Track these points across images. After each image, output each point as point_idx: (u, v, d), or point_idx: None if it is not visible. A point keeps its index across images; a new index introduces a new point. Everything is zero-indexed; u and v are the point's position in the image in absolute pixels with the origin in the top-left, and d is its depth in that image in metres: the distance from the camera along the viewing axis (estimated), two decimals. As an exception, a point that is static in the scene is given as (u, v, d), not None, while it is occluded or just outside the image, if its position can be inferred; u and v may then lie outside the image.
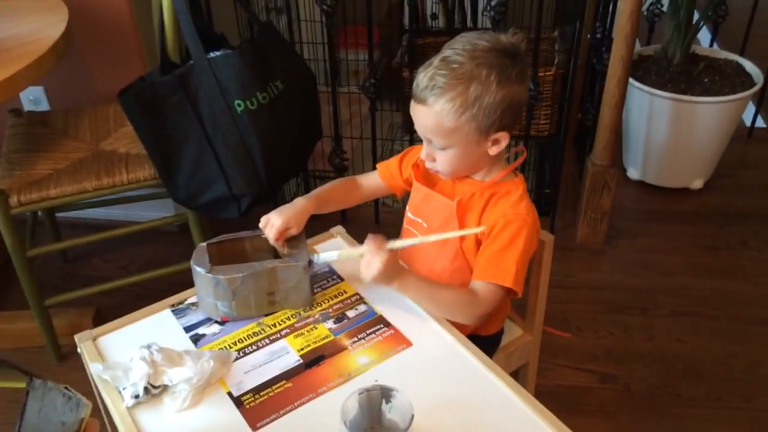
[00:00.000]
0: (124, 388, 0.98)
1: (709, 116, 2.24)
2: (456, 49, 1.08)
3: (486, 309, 1.14)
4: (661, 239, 2.23)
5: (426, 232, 1.22)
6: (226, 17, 2.09)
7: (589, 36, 2.23)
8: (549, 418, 0.92)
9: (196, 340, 1.08)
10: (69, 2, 1.64)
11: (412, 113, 1.13)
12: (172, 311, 1.13)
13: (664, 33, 2.39)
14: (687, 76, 2.30)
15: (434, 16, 3.30)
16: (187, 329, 1.10)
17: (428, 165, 1.18)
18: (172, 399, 0.98)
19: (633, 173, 2.48)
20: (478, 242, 1.17)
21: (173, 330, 1.10)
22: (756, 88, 2.27)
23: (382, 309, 1.13)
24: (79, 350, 1.08)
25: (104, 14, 1.87)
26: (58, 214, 2.08)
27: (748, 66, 2.38)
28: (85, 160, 1.68)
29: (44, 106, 2.08)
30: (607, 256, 2.17)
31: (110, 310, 1.91)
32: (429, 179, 1.24)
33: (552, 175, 2.20)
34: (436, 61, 1.08)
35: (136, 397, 0.97)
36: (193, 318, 1.12)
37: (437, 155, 1.14)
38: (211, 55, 1.48)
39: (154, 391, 0.98)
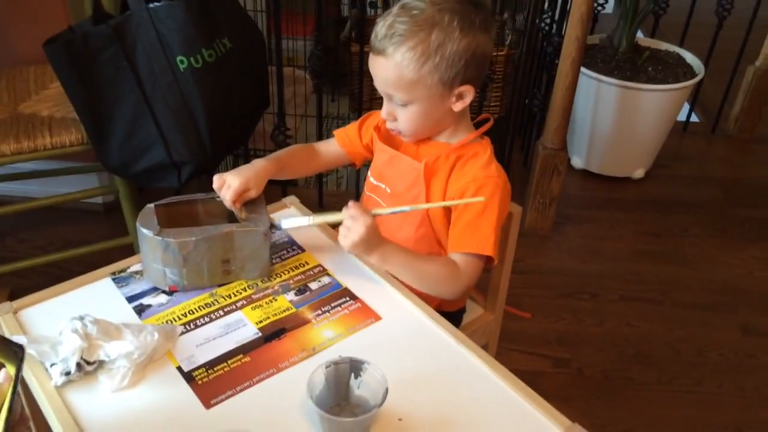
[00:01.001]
0: (52, 365, 0.85)
1: (654, 104, 2.26)
2: None
3: (470, 281, 1.06)
4: (607, 226, 2.23)
5: (389, 198, 1.14)
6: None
7: (537, 21, 2.21)
8: (524, 391, 0.87)
9: (140, 311, 0.95)
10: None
11: (371, 68, 1.05)
12: (113, 279, 1.00)
13: (609, 23, 2.40)
14: (632, 64, 2.31)
15: (373, 4, 3.24)
16: (130, 299, 0.97)
17: (389, 125, 1.10)
18: (109, 377, 0.86)
19: (577, 162, 2.47)
20: (446, 209, 1.09)
21: (113, 300, 0.97)
22: (698, 78, 2.31)
23: (347, 281, 1.04)
24: (-3, 325, 0.94)
25: (25, -36, 1.69)
26: (-33, 190, 1.87)
27: (689, 57, 2.42)
28: (1, 122, 1.50)
29: (-48, 66, 1.87)
30: (555, 241, 2.15)
31: (25, 292, 1.71)
32: (391, 143, 1.15)
33: (502, 157, 2.16)
34: (395, 8, 1.01)
35: (67, 374, 0.85)
36: (136, 287, 0.99)
37: (399, 113, 1.06)
38: (152, 5, 1.33)
39: (88, 367, 0.86)
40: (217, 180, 1.04)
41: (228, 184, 1.03)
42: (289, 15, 2.80)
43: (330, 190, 2.34)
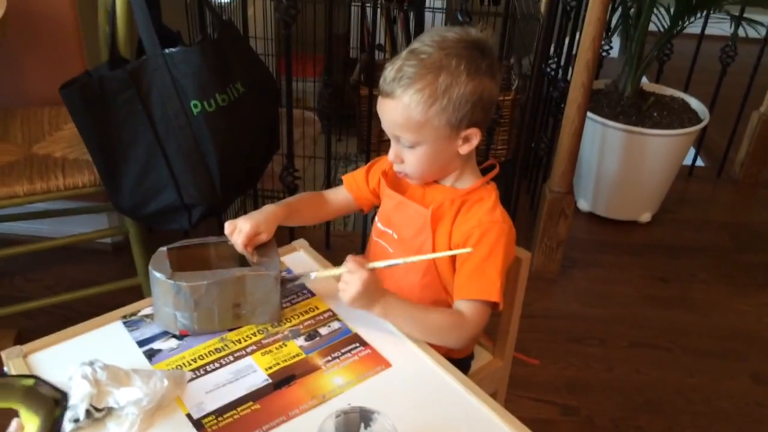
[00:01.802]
0: (62, 411, 0.84)
1: (660, 149, 2.28)
2: (424, 41, 1.03)
3: (476, 330, 1.06)
4: (614, 270, 2.23)
5: (396, 244, 1.14)
6: (175, 17, 1.97)
7: (543, 66, 2.24)
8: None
9: (150, 355, 0.95)
10: (6, -9, 1.49)
11: (379, 110, 1.06)
12: (124, 323, 1.00)
13: (614, 67, 2.43)
14: (637, 109, 2.34)
15: (380, 47, 3.30)
16: (141, 343, 0.97)
17: (396, 168, 1.11)
18: (117, 424, 0.85)
19: (583, 204, 2.48)
20: (449, 262, 1.09)
21: (124, 344, 0.97)
22: (703, 124, 2.33)
23: (357, 327, 1.03)
24: (6, 369, 0.93)
25: (44, 10, 1.72)
26: (-24, 228, 1.88)
27: (694, 103, 2.44)
28: (15, 163, 1.52)
29: (-32, 107, 1.90)
30: (562, 285, 2.14)
31: (33, 333, 1.70)
32: (398, 187, 1.16)
33: (509, 200, 2.17)
34: (403, 53, 1.03)
35: (76, 421, 0.83)
36: (147, 331, 0.99)
37: (406, 155, 1.07)
38: (168, 51, 1.36)
39: (96, 414, 0.84)
40: (228, 226, 1.05)
41: (239, 229, 1.03)
42: (298, 56, 2.85)
43: (337, 230, 2.34)
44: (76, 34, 1.76)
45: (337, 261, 1.22)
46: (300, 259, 1.19)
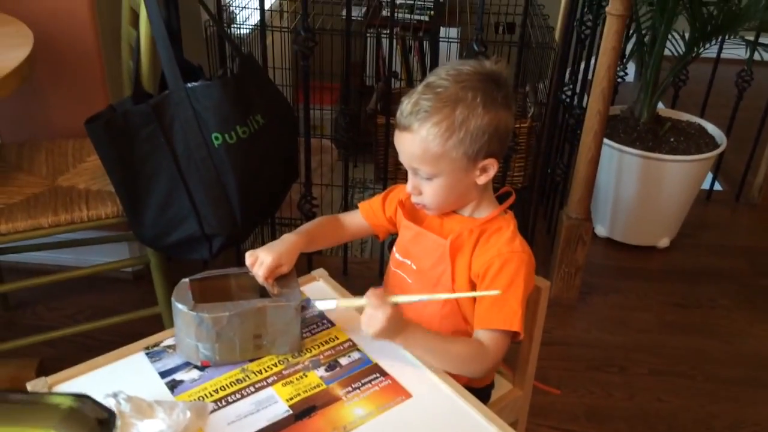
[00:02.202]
0: (87, 443, 0.85)
1: (677, 174, 2.27)
2: (439, 74, 1.04)
3: (496, 359, 1.06)
4: (633, 296, 2.21)
5: (415, 275, 1.15)
6: (196, 51, 2.02)
7: (559, 93, 2.26)
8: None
9: (172, 386, 0.96)
10: (34, 29, 1.54)
11: (396, 143, 1.08)
12: (146, 354, 1.01)
13: (630, 94, 2.44)
14: (654, 135, 2.34)
15: (395, 75, 3.35)
16: (163, 375, 0.98)
17: (414, 199, 1.11)
18: (142, 455, 0.85)
19: (601, 230, 2.47)
20: (471, 284, 1.10)
21: (147, 376, 0.98)
22: (720, 149, 2.32)
23: (377, 357, 1.04)
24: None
25: (69, 44, 1.77)
26: (0, 258, 1.91)
27: (710, 128, 2.44)
28: (40, 195, 1.55)
29: (-6, 140, 1.95)
30: (581, 312, 2.13)
31: (55, 362, 1.73)
32: (416, 217, 1.17)
33: (526, 226, 2.17)
34: (420, 87, 1.05)
35: (101, 453, 0.84)
36: (169, 362, 1.00)
37: (424, 187, 1.08)
38: (190, 85, 1.39)
39: (121, 446, 0.85)
40: (249, 257, 1.06)
41: (261, 261, 1.05)
42: (313, 84, 2.88)
43: (354, 258, 2.35)
44: (100, 69, 1.81)
45: (354, 288, 1.23)
46: (320, 289, 1.19)
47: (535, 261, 1.11)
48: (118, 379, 0.97)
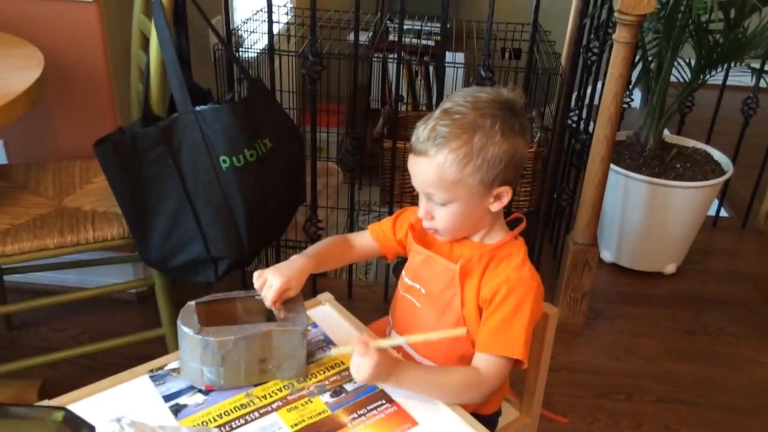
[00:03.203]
0: (90, 468, 0.84)
1: (683, 201, 2.27)
2: (457, 101, 1.04)
3: (494, 385, 1.05)
4: (640, 323, 2.19)
5: (424, 299, 1.14)
6: (204, 74, 2.03)
7: (565, 119, 2.26)
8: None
9: (176, 411, 0.95)
10: (45, 51, 1.55)
11: (410, 168, 1.07)
12: (151, 377, 1.00)
13: (636, 120, 2.45)
14: (660, 161, 2.34)
15: (401, 98, 3.36)
16: (167, 398, 0.97)
17: (426, 224, 1.11)
18: (144, 481, 0.84)
19: (607, 256, 2.46)
20: (479, 310, 1.09)
21: (150, 399, 0.97)
22: (727, 176, 2.32)
23: (383, 383, 1.02)
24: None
25: (79, 67, 1.78)
26: (5, 278, 1.90)
27: (716, 154, 2.44)
28: (46, 216, 1.55)
29: (2, 159, 1.95)
30: (587, 337, 2.11)
31: (57, 383, 1.74)
32: (425, 241, 1.17)
33: (532, 251, 2.16)
34: (437, 112, 1.04)
35: (103, 478, 0.83)
36: (173, 386, 0.99)
37: (437, 212, 1.07)
38: (199, 108, 1.40)
39: (124, 471, 0.84)
40: (258, 279, 1.06)
41: (269, 284, 1.04)
42: (320, 107, 2.90)
43: (359, 281, 2.34)
44: (109, 92, 1.82)
45: (359, 311, 1.23)
46: (325, 313, 1.19)
47: (543, 289, 1.10)
48: (121, 402, 0.97)
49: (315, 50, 1.84)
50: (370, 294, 2.23)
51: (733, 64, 2.35)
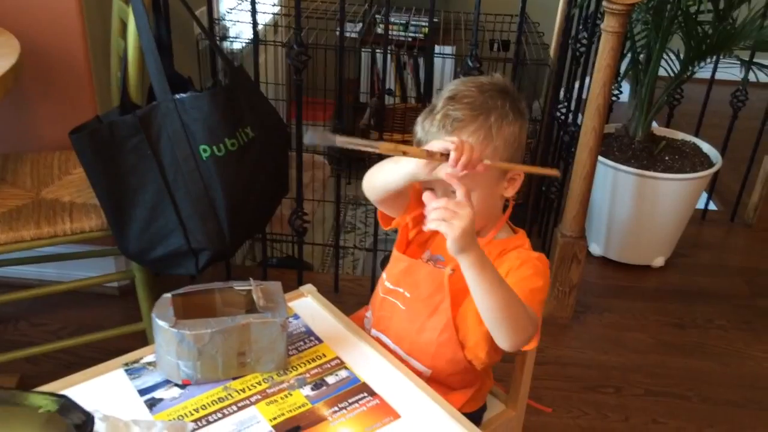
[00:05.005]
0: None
1: (672, 193, 2.25)
2: (460, 87, 1.02)
3: (535, 332, 0.98)
4: (628, 316, 2.18)
5: (408, 302, 1.11)
6: (188, 65, 2.00)
7: (554, 110, 2.24)
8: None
9: (151, 405, 0.92)
10: (22, 39, 1.51)
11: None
12: (126, 371, 0.97)
13: (625, 112, 2.43)
14: (648, 153, 2.32)
15: (390, 92, 3.34)
16: (142, 392, 0.94)
17: None
18: (116, 478, 0.82)
19: (596, 249, 2.45)
20: (475, 314, 1.06)
21: (125, 393, 0.94)
22: (715, 168, 2.31)
23: (365, 376, 1.00)
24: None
25: (57, 54, 1.74)
26: (-17, 271, 1.87)
27: (705, 147, 2.43)
28: (23, 207, 1.52)
29: (-22, 151, 1.91)
30: (576, 331, 2.10)
31: (35, 379, 1.70)
32: (423, 243, 1.14)
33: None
34: (441, 102, 1.01)
35: (73, 475, 0.80)
36: (149, 379, 0.96)
37: None
38: (178, 96, 1.36)
39: (95, 467, 0.81)
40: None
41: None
42: (308, 101, 2.88)
43: (346, 275, 2.32)
44: (89, 80, 1.78)
45: (346, 305, 1.20)
46: (307, 305, 1.16)
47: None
48: (95, 396, 0.94)
49: (299, 39, 1.81)
50: (357, 288, 2.21)
51: (722, 56, 2.34)
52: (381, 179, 1.05)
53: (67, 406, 0.75)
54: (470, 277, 0.92)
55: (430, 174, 0.94)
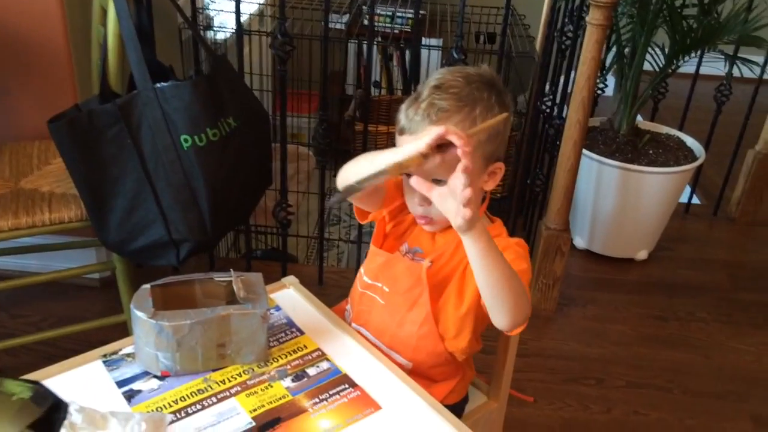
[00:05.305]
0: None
1: (655, 187, 2.26)
2: (446, 77, 1.00)
3: (530, 311, 0.98)
4: (611, 309, 2.19)
5: (387, 296, 1.11)
6: (170, 54, 1.97)
7: (539, 103, 2.24)
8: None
9: (130, 396, 0.91)
10: (0, 26, 1.49)
11: None
12: (104, 362, 0.96)
13: (610, 106, 2.44)
14: (633, 147, 2.33)
15: (376, 84, 3.32)
16: (120, 384, 0.93)
17: (421, 211, 1.04)
18: (93, 470, 0.81)
19: (580, 242, 2.46)
20: (455, 304, 1.06)
21: (103, 385, 0.93)
22: (699, 162, 2.32)
23: (347, 367, 1.00)
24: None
25: (37, 42, 1.72)
26: (-38, 262, 1.85)
27: (689, 141, 2.44)
28: (1, 197, 1.49)
29: (-44, 140, 1.88)
30: (559, 323, 2.10)
31: (13, 371, 1.68)
32: (401, 236, 1.13)
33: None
34: (426, 90, 1.00)
35: (49, 467, 0.79)
36: (127, 371, 0.95)
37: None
38: (159, 85, 1.35)
39: (71, 460, 0.80)
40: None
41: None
42: (294, 93, 2.86)
43: (330, 267, 2.31)
44: (69, 69, 1.75)
45: (330, 298, 1.20)
46: (289, 297, 1.15)
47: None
48: (72, 388, 0.92)
49: (284, 29, 1.79)
50: (341, 280, 2.20)
51: (706, 50, 2.35)
52: (355, 177, 1.02)
53: (41, 393, 0.75)
54: (477, 251, 0.89)
55: (400, 170, 0.91)
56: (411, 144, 0.89)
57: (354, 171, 0.99)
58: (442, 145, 0.88)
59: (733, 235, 2.71)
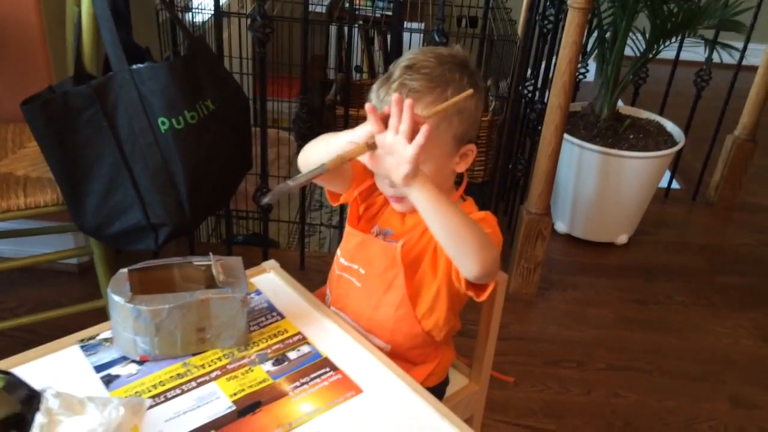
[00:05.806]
0: (10, 443, 0.79)
1: (636, 171, 2.28)
2: (418, 57, 1.00)
3: (497, 256, 0.95)
4: (591, 292, 2.21)
5: (363, 279, 1.10)
6: (148, 36, 1.94)
7: (521, 88, 2.24)
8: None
9: (108, 381, 0.90)
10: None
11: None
12: (81, 347, 0.95)
13: (591, 91, 2.44)
14: (613, 132, 2.34)
15: (358, 69, 3.30)
16: (98, 369, 0.92)
17: (391, 191, 1.04)
18: (70, 455, 0.79)
19: (560, 226, 2.47)
20: (429, 282, 1.06)
21: (81, 370, 0.91)
22: (678, 146, 2.33)
23: (327, 351, 0.99)
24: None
25: (10, 23, 1.68)
26: (-65, 248, 1.81)
27: (669, 126, 2.45)
28: (-25, 181, 1.47)
29: (-72, 124, 1.84)
30: (540, 307, 2.12)
31: (-10, 358, 1.66)
32: (372, 218, 1.12)
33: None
34: (397, 70, 0.99)
35: (25, 453, 0.78)
36: (105, 356, 0.94)
37: None
38: (135, 67, 1.32)
39: (48, 445, 0.79)
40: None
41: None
42: (275, 77, 2.83)
43: (312, 252, 2.30)
44: (43, 49, 1.72)
45: (312, 282, 1.19)
46: (270, 281, 1.14)
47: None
48: (49, 373, 0.91)
49: (262, 11, 1.76)
50: (323, 265, 2.19)
51: (687, 35, 2.35)
52: (315, 159, 0.97)
53: (13, 382, 0.73)
54: (425, 200, 0.89)
55: (342, 162, 0.90)
56: (360, 128, 0.89)
57: (313, 152, 1.00)
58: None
59: (712, 219, 2.74)
